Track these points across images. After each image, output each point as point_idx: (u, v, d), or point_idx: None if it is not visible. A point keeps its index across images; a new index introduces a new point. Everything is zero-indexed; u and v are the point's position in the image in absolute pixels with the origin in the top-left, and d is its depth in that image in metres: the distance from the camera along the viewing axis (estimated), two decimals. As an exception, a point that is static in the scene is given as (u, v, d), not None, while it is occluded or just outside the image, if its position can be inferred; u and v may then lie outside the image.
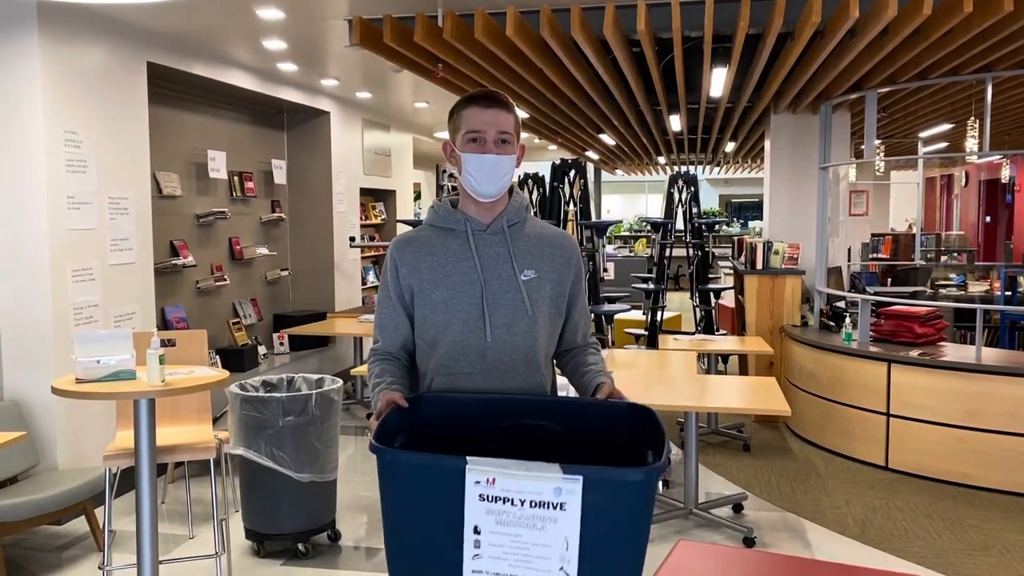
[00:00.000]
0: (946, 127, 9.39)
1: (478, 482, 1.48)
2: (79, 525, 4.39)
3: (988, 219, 15.70)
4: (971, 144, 6.99)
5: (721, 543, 4.07)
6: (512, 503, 1.47)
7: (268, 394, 3.91)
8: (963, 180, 16.48)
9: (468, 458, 1.49)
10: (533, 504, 1.46)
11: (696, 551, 1.85)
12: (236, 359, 6.39)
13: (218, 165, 6.49)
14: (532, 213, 2.07)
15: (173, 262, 6.07)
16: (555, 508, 1.46)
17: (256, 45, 5.65)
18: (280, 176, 7.53)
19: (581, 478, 1.44)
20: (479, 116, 1.88)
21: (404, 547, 1.56)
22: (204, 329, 4.29)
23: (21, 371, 4.44)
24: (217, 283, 6.65)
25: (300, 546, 3.98)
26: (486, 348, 1.88)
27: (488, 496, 1.48)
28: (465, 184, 1.91)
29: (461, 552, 1.49)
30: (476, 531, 1.49)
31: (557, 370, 2.13)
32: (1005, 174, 11.86)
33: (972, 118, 6.97)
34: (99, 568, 3.76)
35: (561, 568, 1.47)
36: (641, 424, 1.76)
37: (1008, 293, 7.76)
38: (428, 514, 1.52)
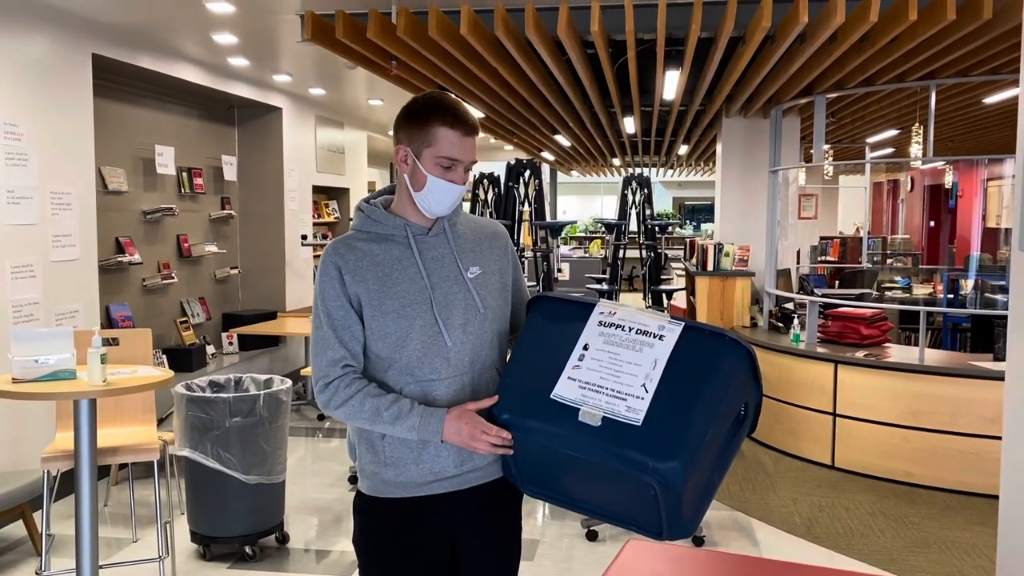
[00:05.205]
0: (892, 133, 9.60)
1: (603, 312, 1.80)
2: (17, 529, 4.26)
3: (932, 223, 16.12)
4: (915, 150, 7.14)
5: (671, 542, 4.09)
6: (623, 329, 1.76)
7: (215, 394, 3.84)
8: (908, 185, 16.89)
9: (600, 300, 1.86)
10: (639, 332, 1.75)
11: (646, 550, 1.85)
12: (184, 359, 6.26)
13: (166, 160, 6.35)
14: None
15: (119, 259, 5.92)
16: (655, 337, 1.73)
17: (206, 39, 5.55)
18: (230, 172, 7.40)
19: (682, 324, 1.74)
20: (459, 143, 1.82)
21: (521, 365, 1.82)
22: (150, 328, 4.20)
23: (-44, 370, 4.30)
24: (164, 281, 6.51)
25: (247, 549, 3.91)
26: (448, 352, 1.85)
27: (606, 323, 1.78)
28: (421, 202, 1.86)
29: (567, 362, 1.76)
30: (585, 347, 1.77)
31: None
32: (948, 180, 12.18)
33: (917, 124, 7.13)
34: (36, 573, 3.66)
35: (643, 384, 1.68)
36: None
37: (951, 296, 7.95)
38: (553, 337, 1.82)
